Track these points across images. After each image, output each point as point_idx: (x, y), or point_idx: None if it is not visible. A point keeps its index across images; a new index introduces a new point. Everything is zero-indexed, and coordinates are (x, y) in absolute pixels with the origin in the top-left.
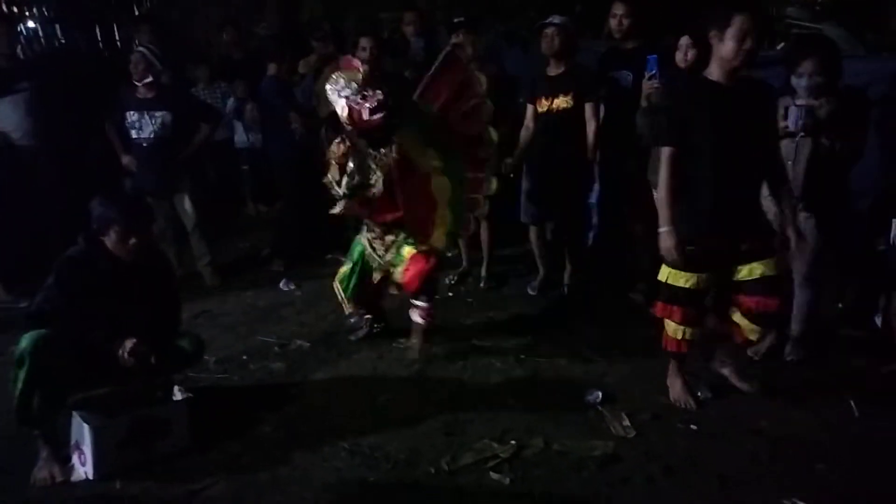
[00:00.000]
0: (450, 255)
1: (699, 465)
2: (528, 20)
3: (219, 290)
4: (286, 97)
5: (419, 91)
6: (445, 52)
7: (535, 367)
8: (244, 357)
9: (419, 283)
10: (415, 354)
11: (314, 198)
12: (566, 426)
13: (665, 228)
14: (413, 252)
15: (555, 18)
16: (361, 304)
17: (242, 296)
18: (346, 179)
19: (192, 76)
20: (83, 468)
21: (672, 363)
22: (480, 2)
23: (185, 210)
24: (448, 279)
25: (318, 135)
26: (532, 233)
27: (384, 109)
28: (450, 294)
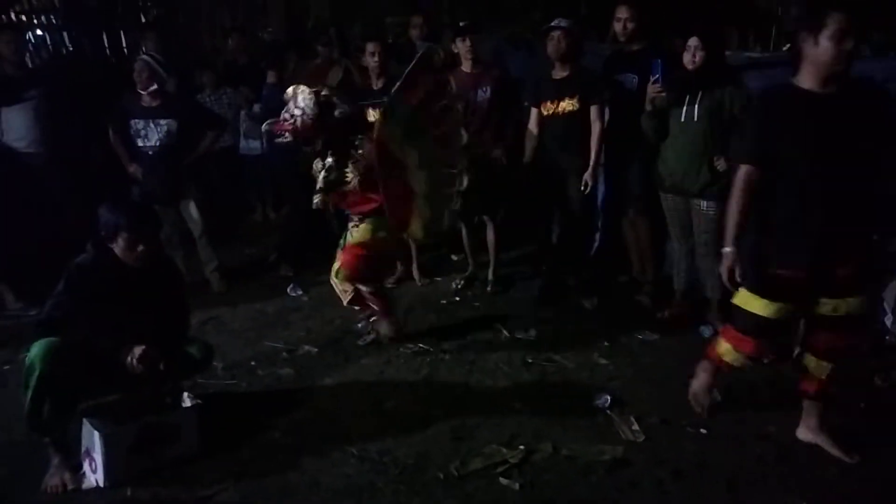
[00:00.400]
0: (455, 259)
1: (708, 470)
2: (533, 23)
3: (226, 297)
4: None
5: (399, 89)
6: (420, 55)
7: (543, 371)
8: (252, 363)
9: (354, 270)
10: (387, 333)
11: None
12: (574, 430)
13: (727, 248)
14: (351, 242)
15: (560, 22)
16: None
17: (250, 302)
18: (324, 174)
19: (199, 82)
20: (94, 475)
21: (706, 362)
22: (485, 5)
23: (192, 217)
24: (455, 283)
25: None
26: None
27: (294, 129)
28: (456, 298)
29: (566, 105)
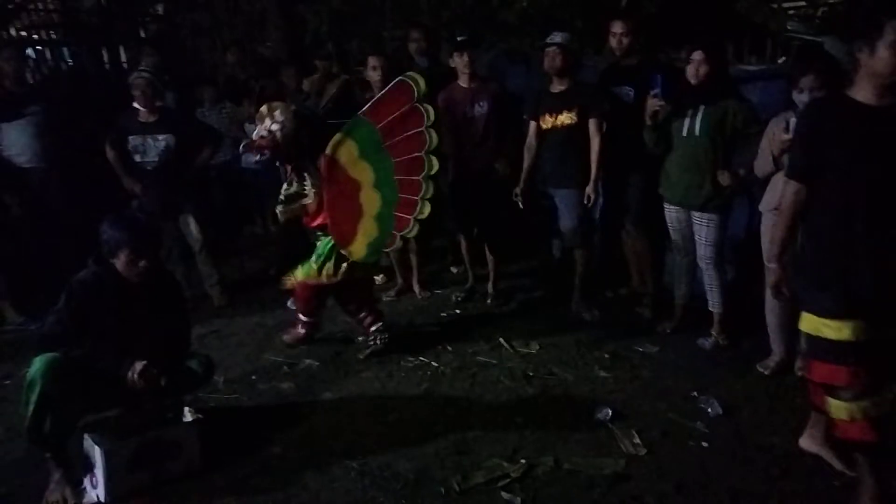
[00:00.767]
0: (455, 272)
1: (711, 483)
2: (530, 37)
3: (227, 310)
4: None
5: (367, 109)
6: (397, 80)
7: (544, 385)
8: (253, 377)
9: (296, 295)
10: (289, 339)
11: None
12: (576, 444)
13: (772, 265)
14: (296, 277)
15: (556, 37)
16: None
17: (251, 315)
18: (285, 187)
19: (199, 97)
20: (94, 491)
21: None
22: (483, 20)
23: (191, 231)
24: (455, 296)
25: None
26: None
27: (274, 144)
28: (457, 311)
29: (565, 118)
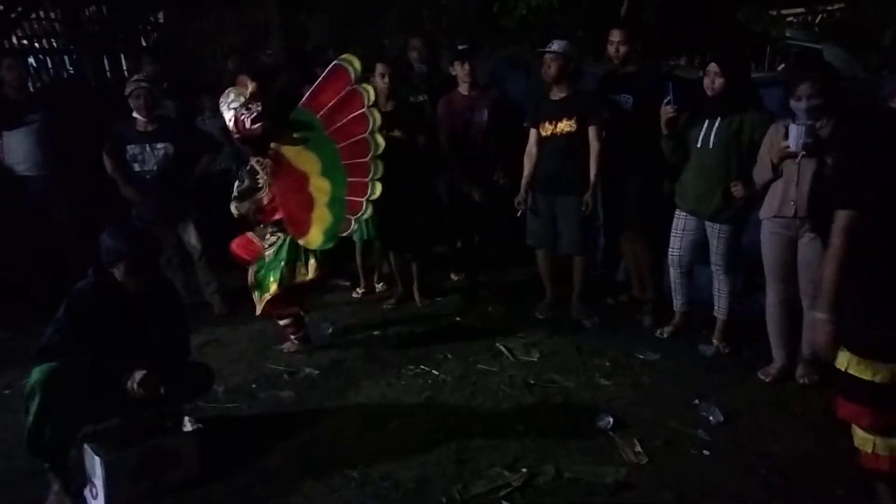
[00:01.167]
0: (455, 279)
1: (713, 492)
2: (531, 45)
3: (227, 318)
4: None
5: (305, 99)
6: (333, 64)
7: (545, 393)
8: (253, 385)
9: (271, 311)
10: (287, 348)
11: None
12: (577, 453)
13: (822, 316)
14: (271, 293)
15: (553, 45)
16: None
17: (251, 323)
18: (237, 183)
19: (200, 105)
20: (94, 501)
21: (879, 486)
22: (484, 27)
23: (190, 239)
24: (456, 304)
25: None
26: (539, 256)
27: (262, 119)
28: (457, 319)
29: (564, 126)
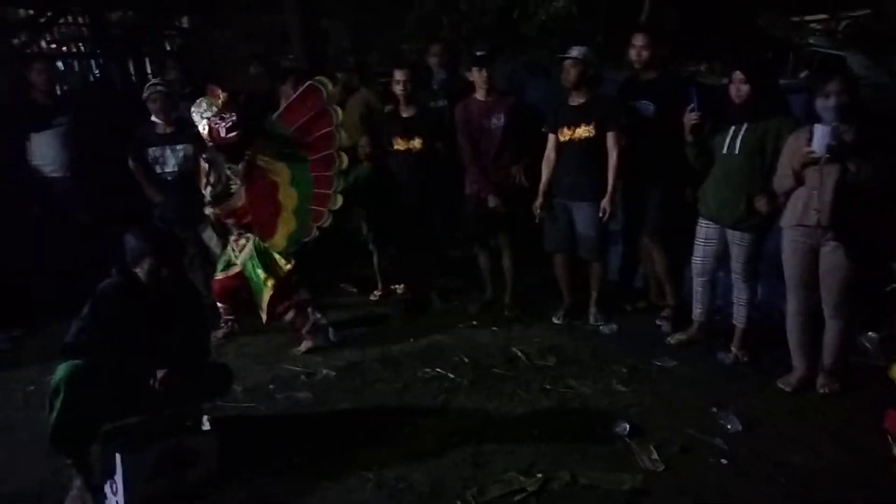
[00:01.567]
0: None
1: (730, 501)
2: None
3: (245, 319)
4: None
5: (279, 113)
6: (307, 84)
7: (561, 398)
8: (271, 386)
9: (274, 311)
10: (304, 347)
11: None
12: (593, 458)
13: None
14: (269, 290)
15: (573, 51)
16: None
17: (268, 324)
18: (210, 189)
19: None
20: (114, 497)
21: None
22: (503, 32)
23: (210, 240)
24: (472, 307)
25: None
26: (556, 261)
27: (238, 128)
28: (474, 323)
29: (583, 131)
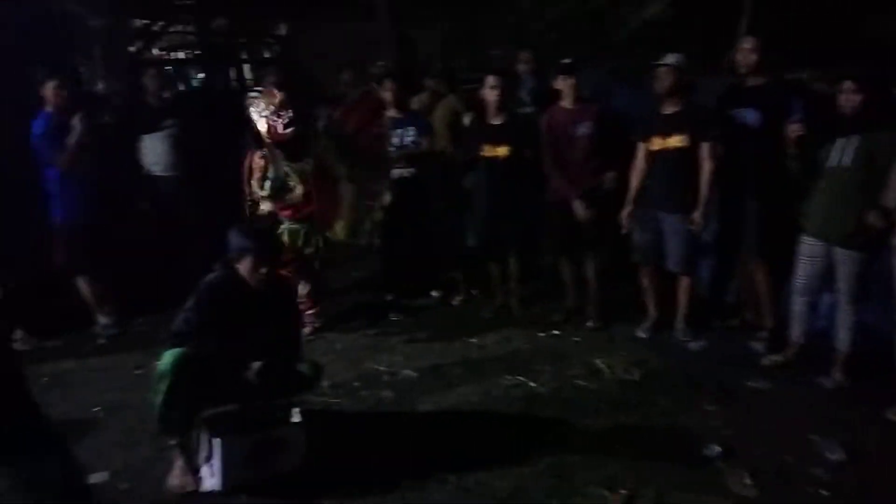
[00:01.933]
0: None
1: None
2: (637, 57)
3: (332, 317)
4: None
5: (339, 116)
6: (363, 90)
7: (646, 414)
8: (355, 383)
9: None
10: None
11: (415, 232)
12: (680, 479)
13: None
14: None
15: (668, 58)
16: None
17: (354, 323)
18: (268, 183)
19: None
20: (212, 479)
21: None
22: (590, 40)
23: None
24: (555, 316)
25: (427, 172)
26: (644, 272)
27: (294, 125)
28: (555, 332)
29: (675, 141)
